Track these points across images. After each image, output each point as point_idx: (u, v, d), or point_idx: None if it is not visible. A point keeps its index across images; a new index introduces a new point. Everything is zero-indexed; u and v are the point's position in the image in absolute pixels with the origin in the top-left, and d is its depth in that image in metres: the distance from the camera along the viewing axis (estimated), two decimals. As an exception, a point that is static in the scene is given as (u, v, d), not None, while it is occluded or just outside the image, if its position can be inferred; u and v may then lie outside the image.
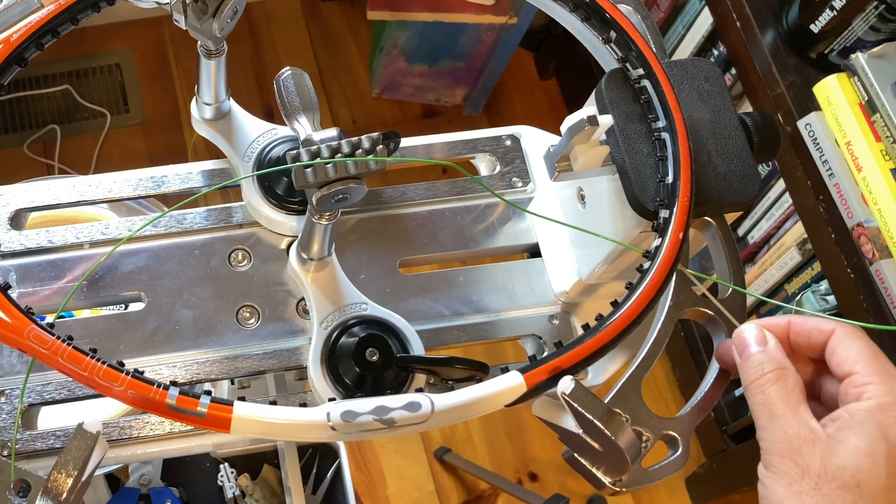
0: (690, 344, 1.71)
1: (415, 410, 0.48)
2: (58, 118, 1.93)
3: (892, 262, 1.02)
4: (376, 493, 1.70)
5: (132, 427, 0.61)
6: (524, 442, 1.77)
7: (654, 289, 0.51)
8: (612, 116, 0.55)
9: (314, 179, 0.50)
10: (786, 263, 1.39)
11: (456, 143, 0.72)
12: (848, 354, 0.48)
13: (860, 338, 0.49)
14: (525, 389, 0.49)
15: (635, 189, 0.55)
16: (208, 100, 0.66)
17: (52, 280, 0.64)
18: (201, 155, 1.87)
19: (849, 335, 0.49)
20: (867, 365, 0.47)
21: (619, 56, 0.58)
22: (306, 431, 0.48)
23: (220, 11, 0.55)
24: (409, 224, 0.69)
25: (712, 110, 0.58)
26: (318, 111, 0.59)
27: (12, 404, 0.60)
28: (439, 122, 2.03)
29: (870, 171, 1.02)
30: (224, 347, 0.63)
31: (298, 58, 2.04)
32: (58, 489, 0.45)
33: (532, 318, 0.67)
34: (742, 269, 0.57)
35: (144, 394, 0.46)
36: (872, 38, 1.08)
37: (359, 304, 0.62)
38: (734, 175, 0.56)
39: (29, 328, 0.46)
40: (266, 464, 1.13)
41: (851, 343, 0.49)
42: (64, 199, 0.67)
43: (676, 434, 0.52)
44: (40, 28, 0.53)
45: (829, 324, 0.50)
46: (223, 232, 0.67)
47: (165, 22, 2.01)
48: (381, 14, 1.70)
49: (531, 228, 0.70)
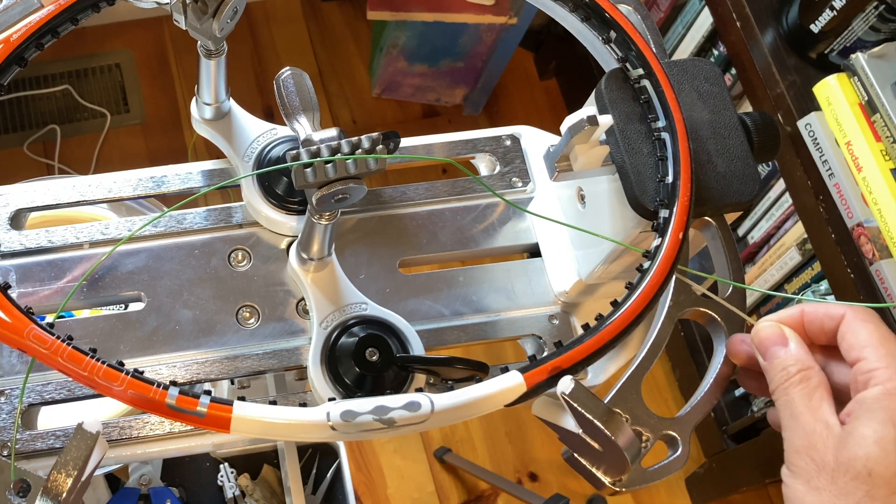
0: (690, 344, 1.70)
1: (415, 410, 0.48)
2: (58, 118, 1.93)
3: (892, 262, 1.02)
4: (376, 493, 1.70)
5: (132, 427, 0.61)
6: (524, 442, 1.77)
7: (653, 288, 0.51)
8: (612, 116, 0.55)
9: (314, 179, 0.50)
10: (786, 263, 1.39)
11: (456, 143, 0.72)
12: (857, 339, 0.48)
13: (869, 321, 0.48)
14: (525, 389, 0.49)
15: (635, 189, 0.55)
16: (208, 100, 0.66)
17: (52, 280, 0.64)
18: (201, 155, 1.87)
19: (858, 319, 0.48)
20: (875, 349, 0.47)
21: (618, 56, 0.58)
22: (306, 431, 0.48)
23: (220, 11, 0.55)
24: (409, 224, 0.69)
25: (712, 110, 0.58)
26: (318, 111, 0.59)
27: (12, 404, 0.60)
28: (439, 122, 2.04)
29: (870, 171, 1.02)
30: (224, 347, 0.63)
31: (298, 58, 2.04)
32: (58, 489, 0.45)
33: (532, 318, 0.67)
34: (742, 269, 0.57)
35: (144, 393, 0.46)
36: (872, 38, 1.08)
37: (359, 304, 0.62)
38: (734, 175, 0.56)
39: (29, 328, 0.46)
40: (266, 464, 1.13)
41: (860, 327, 0.48)
42: (64, 199, 0.67)
43: (676, 434, 0.52)
44: (40, 28, 0.53)
45: (839, 308, 0.50)
46: (223, 232, 0.67)
47: (165, 22, 2.01)
48: (381, 14, 1.70)
49: (531, 228, 0.70)
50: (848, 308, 0.49)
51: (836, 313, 0.49)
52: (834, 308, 0.50)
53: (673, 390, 1.82)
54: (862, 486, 0.44)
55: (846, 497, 0.44)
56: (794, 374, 0.49)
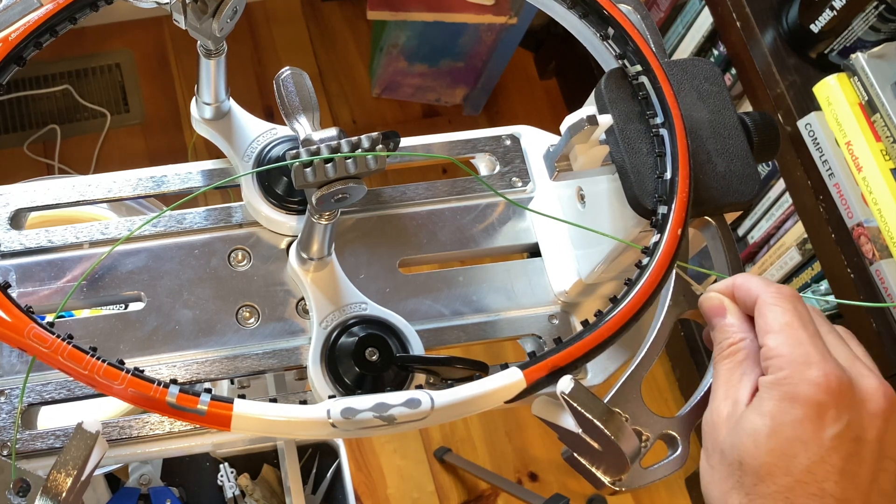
0: (690, 344, 1.71)
1: (415, 407, 0.48)
2: (58, 118, 1.93)
3: (892, 262, 1.02)
4: (376, 493, 1.70)
5: (132, 427, 0.61)
6: (524, 442, 1.77)
7: (653, 284, 0.51)
8: (612, 116, 0.55)
9: (314, 179, 0.50)
10: (786, 263, 1.39)
11: (456, 142, 0.72)
12: (765, 322, 0.47)
13: (778, 304, 0.47)
14: (525, 385, 0.49)
15: (635, 188, 0.55)
16: (208, 99, 0.66)
17: (52, 280, 0.64)
18: (201, 155, 1.87)
19: (769, 303, 0.48)
20: (776, 336, 0.46)
21: (616, 53, 0.58)
22: (307, 428, 0.48)
23: (220, 11, 0.55)
24: (409, 224, 0.69)
25: (712, 110, 0.58)
26: (317, 111, 0.59)
27: (12, 404, 0.60)
28: (439, 122, 2.04)
29: (870, 171, 1.02)
30: (224, 347, 0.63)
31: (298, 58, 2.04)
32: (57, 489, 0.45)
33: (532, 318, 0.67)
34: (742, 269, 0.57)
35: (145, 392, 0.46)
36: (872, 38, 1.08)
37: (358, 304, 0.62)
38: (734, 175, 0.56)
39: (29, 327, 0.46)
40: (266, 464, 1.13)
41: (768, 311, 0.47)
42: (64, 199, 0.67)
43: (676, 434, 0.52)
44: (39, 27, 0.53)
45: (757, 289, 0.49)
46: (223, 232, 0.67)
47: (165, 22, 2.01)
48: (381, 14, 1.70)
49: (531, 228, 0.70)
50: (763, 290, 0.48)
51: (754, 293, 0.49)
52: (756, 287, 0.49)
53: (673, 390, 1.82)
54: (736, 473, 0.45)
55: (725, 480, 0.45)
56: (725, 348, 0.49)
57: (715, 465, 0.46)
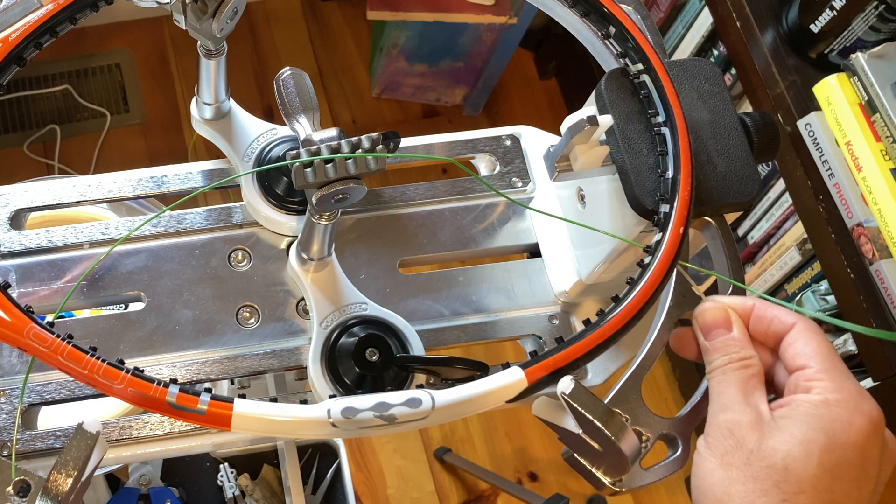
0: (690, 344, 1.70)
1: (415, 406, 0.47)
2: (58, 118, 1.93)
3: (892, 262, 1.02)
4: (376, 493, 1.70)
5: (132, 427, 0.61)
6: (524, 442, 1.77)
7: (655, 283, 0.51)
8: (612, 116, 0.55)
9: (314, 179, 0.50)
10: (786, 263, 1.39)
11: (456, 142, 0.72)
12: (805, 349, 0.49)
13: (818, 333, 0.50)
14: (526, 385, 0.49)
15: (635, 189, 0.55)
16: (208, 100, 0.66)
17: (52, 280, 0.64)
18: (201, 155, 1.87)
19: (808, 330, 0.50)
20: (821, 361, 0.48)
21: (617, 52, 0.58)
22: (307, 428, 0.48)
23: (220, 11, 0.55)
24: (409, 224, 0.69)
25: (712, 110, 0.58)
26: (317, 111, 0.59)
27: (12, 404, 0.60)
28: (439, 122, 2.04)
29: (870, 171, 1.02)
30: (224, 347, 0.63)
31: (298, 58, 2.04)
32: (58, 489, 0.45)
33: (532, 318, 0.67)
34: (742, 269, 0.57)
35: (145, 391, 0.46)
36: (872, 38, 1.08)
37: (358, 304, 0.62)
38: (734, 175, 0.56)
39: (29, 327, 0.46)
40: (266, 464, 1.13)
41: (810, 338, 0.50)
42: (64, 199, 0.67)
43: (676, 434, 0.52)
44: (39, 27, 0.53)
45: (791, 316, 0.51)
46: (223, 232, 0.67)
47: (165, 22, 2.01)
48: (381, 14, 1.70)
49: (531, 228, 0.70)
50: (799, 318, 0.51)
51: (787, 320, 0.51)
52: (786, 314, 0.51)
53: (673, 390, 1.82)
54: (774, 477, 0.46)
55: (755, 482, 0.46)
56: (736, 360, 0.50)
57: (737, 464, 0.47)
